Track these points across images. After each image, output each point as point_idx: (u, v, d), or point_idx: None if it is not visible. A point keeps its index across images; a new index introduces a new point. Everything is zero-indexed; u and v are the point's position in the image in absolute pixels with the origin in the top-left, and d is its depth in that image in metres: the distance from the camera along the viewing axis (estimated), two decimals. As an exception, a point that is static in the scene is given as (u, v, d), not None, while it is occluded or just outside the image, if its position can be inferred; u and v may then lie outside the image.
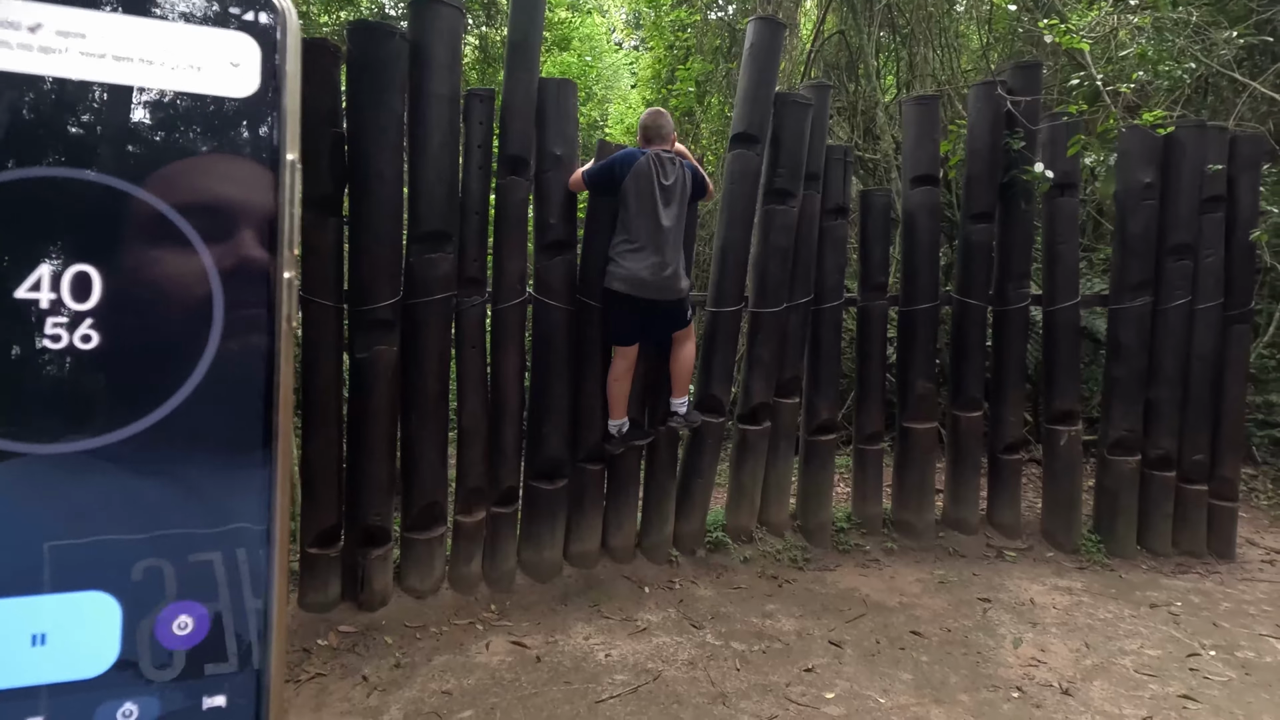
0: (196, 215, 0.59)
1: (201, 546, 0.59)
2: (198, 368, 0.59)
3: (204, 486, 0.60)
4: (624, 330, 3.06)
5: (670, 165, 2.91)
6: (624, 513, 3.39)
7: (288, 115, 0.62)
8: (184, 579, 0.59)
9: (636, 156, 2.87)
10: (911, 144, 3.73)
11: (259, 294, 0.61)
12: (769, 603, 3.21)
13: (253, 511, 0.60)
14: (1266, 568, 3.73)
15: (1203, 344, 3.68)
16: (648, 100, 7.75)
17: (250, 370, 0.60)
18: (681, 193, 2.94)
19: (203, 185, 0.60)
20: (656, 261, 2.85)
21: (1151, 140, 3.58)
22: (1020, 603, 3.24)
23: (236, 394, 0.60)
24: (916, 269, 3.72)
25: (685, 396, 3.27)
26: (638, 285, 2.87)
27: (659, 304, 2.94)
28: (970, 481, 3.82)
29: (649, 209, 2.84)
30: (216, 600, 0.60)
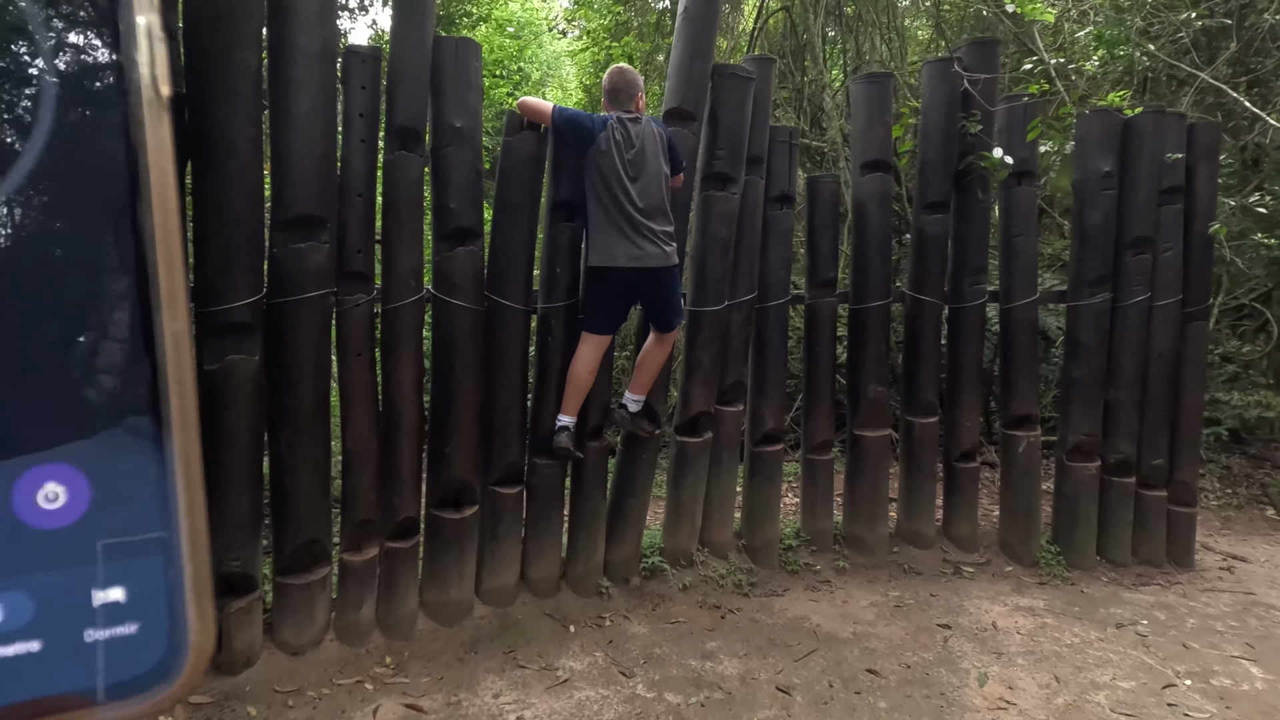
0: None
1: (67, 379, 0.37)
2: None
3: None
4: (600, 312, 2.72)
5: (633, 129, 2.61)
6: (546, 540, 2.97)
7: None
8: (50, 431, 0.38)
9: (601, 126, 2.60)
10: (861, 126, 3.42)
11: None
12: (710, 639, 2.85)
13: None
14: (1225, 575, 3.57)
15: (1161, 342, 3.49)
16: (585, 86, 7.32)
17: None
18: (654, 157, 2.63)
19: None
20: (633, 245, 2.57)
21: (1112, 126, 3.36)
22: (982, 628, 2.96)
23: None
24: (867, 263, 3.41)
25: (643, 396, 2.94)
26: (615, 258, 2.58)
27: (642, 273, 2.60)
28: (926, 492, 3.55)
29: (616, 191, 2.56)
30: (98, 463, 0.38)
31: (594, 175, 2.60)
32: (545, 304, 2.83)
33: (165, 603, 0.40)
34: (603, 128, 2.60)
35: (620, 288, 2.67)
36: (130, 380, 0.39)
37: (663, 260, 2.62)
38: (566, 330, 2.86)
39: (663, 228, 2.64)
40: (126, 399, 0.39)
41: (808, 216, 3.47)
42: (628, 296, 2.75)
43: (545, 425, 2.88)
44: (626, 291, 2.71)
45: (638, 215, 2.58)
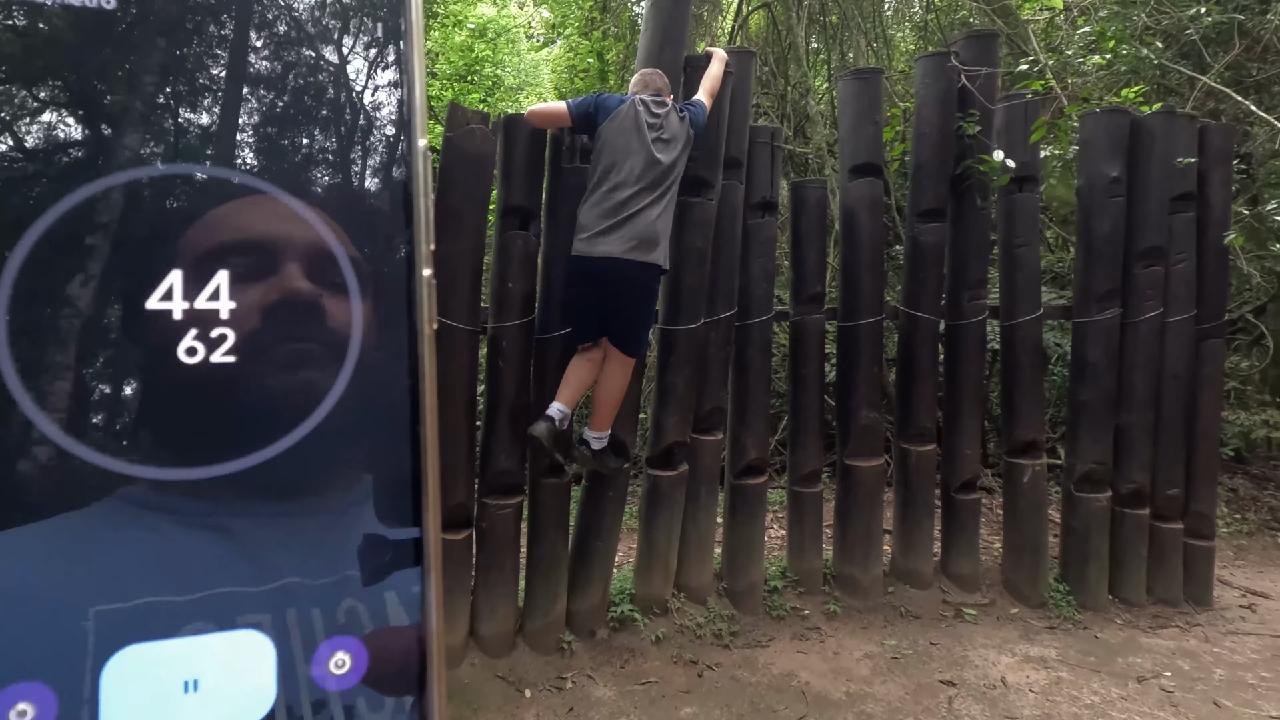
0: (331, 215, 0.57)
1: (353, 580, 0.56)
2: (336, 383, 0.56)
3: (353, 513, 0.57)
4: (576, 313, 2.42)
5: (659, 111, 2.37)
6: (499, 591, 2.61)
7: (416, 99, 0.59)
8: (337, 614, 0.55)
9: (620, 100, 2.36)
10: (849, 127, 3.13)
11: (398, 297, 0.58)
12: (685, 703, 2.50)
13: (404, 543, 0.57)
14: (1248, 615, 3.28)
15: (1176, 361, 3.21)
16: (561, 91, 7.02)
17: (392, 379, 0.57)
18: (678, 148, 2.37)
19: (335, 178, 0.58)
20: (629, 226, 2.26)
21: (1119, 127, 3.09)
22: (990, 684, 2.64)
23: (377, 409, 0.57)
24: (857, 276, 3.11)
25: (606, 431, 2.57)
26: (591, 241, 2.26)
27: (612, 264, 2.25)
28: (923, 527, 3.23)
29: (620, 166, 2.29)
30: (372, 635, 0.56)
31: (602, 151, 2.32)
32: (496, 323, 2.49)
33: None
34: (623, 102, 2.35)
35: (584, 283, 2.32)
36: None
37: (636, 255, 2.26)
38: (521, 353, 2.53)
39: (657, 228, 2.30)
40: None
41: (792, 225, 3.16)
42: (592, 295, 2.34)
43: (497, 461, 2.53)
44: (590, 288, 2.33)
45: (637, 207, 2.25)
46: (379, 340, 0.58)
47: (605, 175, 2.30)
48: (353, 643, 0.57)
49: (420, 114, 0.60)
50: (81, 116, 0.54)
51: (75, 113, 0.54)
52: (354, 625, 0.57)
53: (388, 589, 0.58)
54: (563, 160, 2.51)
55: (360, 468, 0.57)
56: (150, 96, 0.54)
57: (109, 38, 0.54)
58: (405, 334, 0.58)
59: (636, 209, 2.27)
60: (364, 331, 0.57)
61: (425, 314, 0.59)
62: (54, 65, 0.53)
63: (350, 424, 0.56)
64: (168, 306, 0.53)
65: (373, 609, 0.57)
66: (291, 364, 0.56)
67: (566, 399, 2.42)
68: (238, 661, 0.53)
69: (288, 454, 0.55)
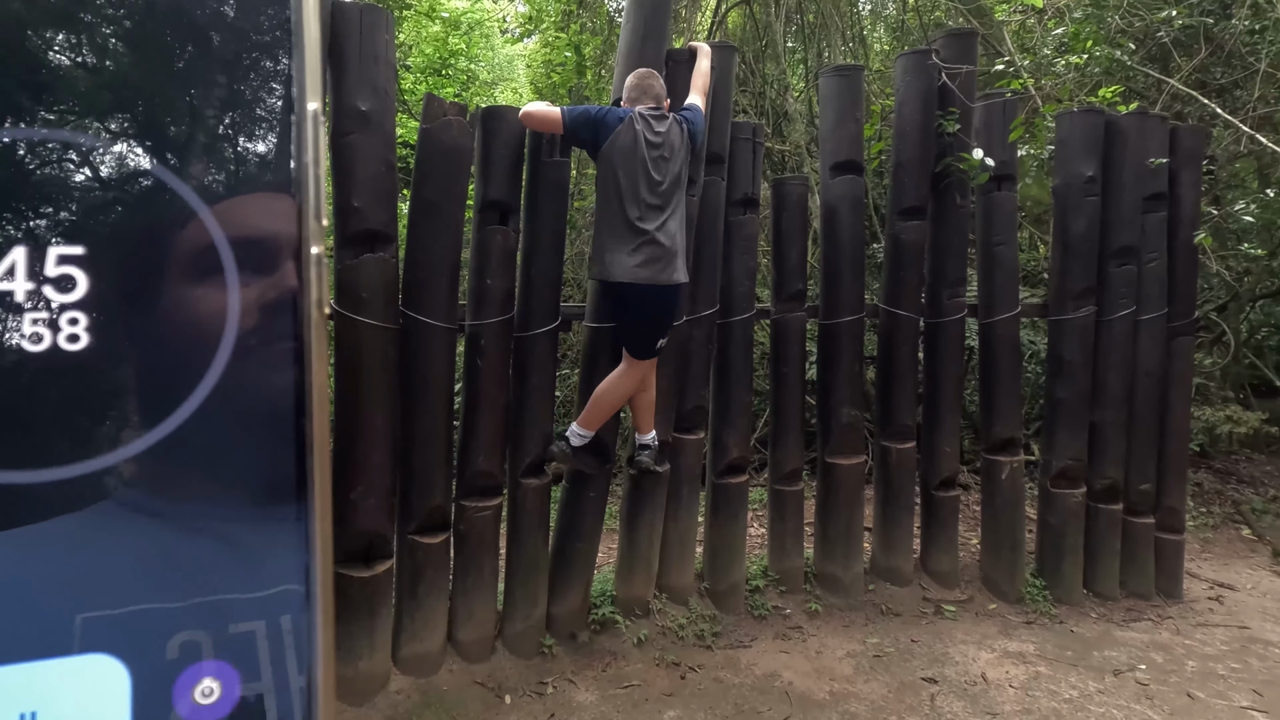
0: (203, 184, 0.50)
1: (225, 598, 0.48)
2: (207, 374, 0.48)
3: (223, 523, 0.49)
4: (642, 332, 2.41)
5: (658, 126, 2.31)
6: (478, 595, 2.55)
7: (308, 58, 0.52)
8: (205, 637, 0.48)
9: (618, 119, 2.29)
10: (830, 124, 3.11)
11: (282, 278, 0.51)
12: (668, 706, 2.46)
13: (286, 556, 0.49)
14: (1216, 607, 3.35)
15: (1148, 359, 3.26)
16: (537, 86, 6.93)
17: (272, 372, 0.50)
18: (679, 161, 2.34)
19: (208, 148, 0.51)
20: (648, 247, 2.27)
21: (1094, 127, 3.13)
22: (971, 681, 2.65)
23: (256, 402, 0.49)
24: (838, 274, 3.10)
25: (652, 432, 2.67)
26: (635, 274, 2.28)
27: (652, 290, 2.31)
28: (903, 524, 3.24)
29: (633, 193, 2.27)
30: (246, 661, 0.49)
31: (607, 174, 2.30)
32: (474, 321, 2.42)
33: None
34: (622, 120, 2.28)
35: (634, 302, 2.36)
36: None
37: (663, 278, 2.30)
38: (501, 351, 2.47)
39: (676, 242, 2.34)
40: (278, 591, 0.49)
41: (773, 223, 3.14)
42: (643, 311, 2.39)
43: (476, 462, 2.46)
44: (640, 306, 2.36)
45: (652, 226, 2.27)
46: (260, 327, 0.51)
47: (615, 197, 2.29)
48: (223, 669, 0.50)
49: (311, 75, 0.53)
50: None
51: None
52: (225, 650, 0.50)
53: (266, 609, 0.51)
54: (542, 154, 2.46)
55: (234, 472, 0.51)
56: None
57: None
58: (291, 320, 0.52)
59: (652, 230, 2.27)
60: (241, 316, 0.51)
61: (315, 297, 0.52)
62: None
63: (223, 422, 0.50)
64: (8, 287, 0.46)
65: (247, 632, 0.51)
66: (154, 353, 0.49)
67: (647, 423, 2.63)
68: (84, 690, 0.46)
69: (147, 454, 0.49)
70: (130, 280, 0.49)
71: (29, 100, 0.47)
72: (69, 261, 0.47)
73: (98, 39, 0.50)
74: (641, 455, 2.66)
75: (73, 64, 0.49)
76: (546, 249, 2.52)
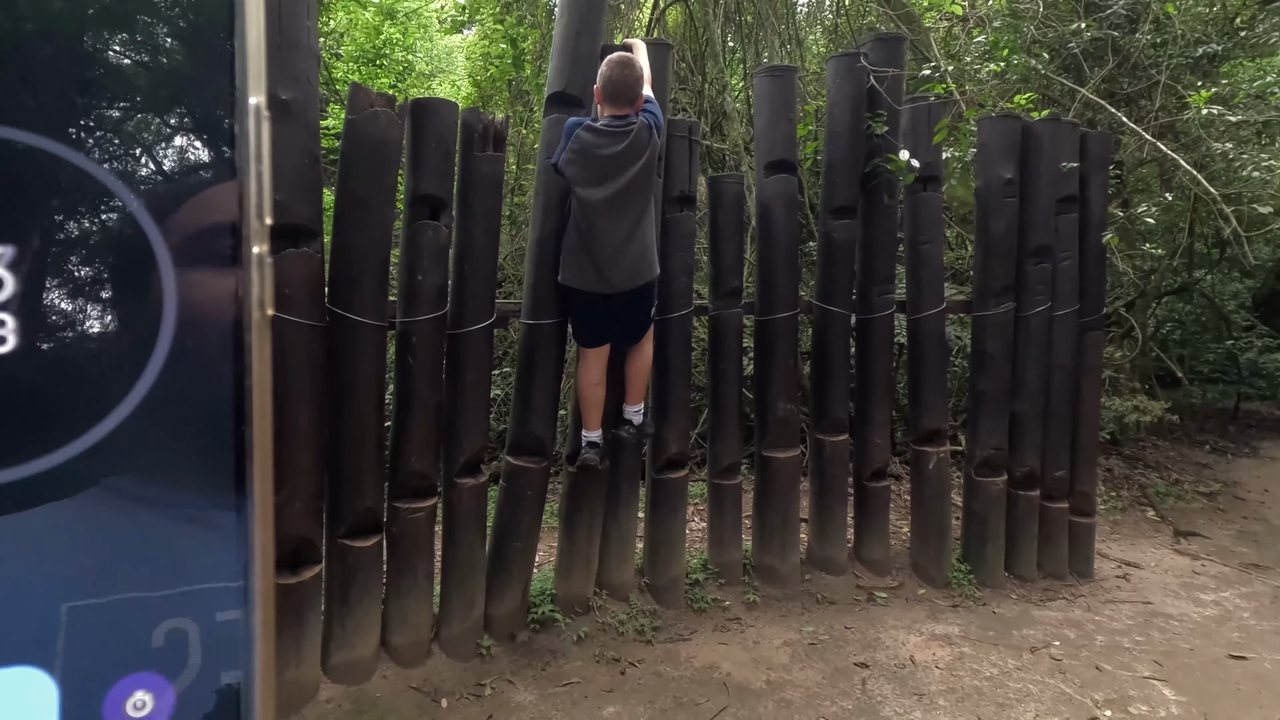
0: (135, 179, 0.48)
1: (159, 607, 0.48)
2: (139, 380, 0.47)
3: (157, 530, 0.48)
4: (586, 326, 2.60)
5: (610, 133, 2.33)
6: (412, 599, 2.49)
7: (250, 48, 0.50)
8: (138, 647, 0.47)
9: (574, 129, 2.34)
10: (764, 124, 3.17)
11: (222, 278, 0.50)
12: (608, 702, 2.47)
13: (224, 562, 0.49)
14: (1123, 584, 3.57)
15: (1062, 352, 3.45)
16: (475, 80, 6.80)
17: (211, 375, 0.49)
18: (634, 167, 2.35)
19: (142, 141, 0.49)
20: (597, 271, 2.40)
21: (1012, 132, 3.28)
22: (900, 664, 2.75)
23: (193, 407, 0.49)
24: (773, 271, 3.16)
25: (640, 404, 2.79)
26: (586, 279, 2.43)
27: (613, 297, 2.46)
28: (837, 515, 3.33)
29: (583, 190, 2.35)
30: (180, 673, 0.48)
31: (573, 190, 2.38)
32: (405, 318, 2.36)
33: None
34: (569, 136, 2.33)
35: (592, 304, 2.50)
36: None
37: (630, 283, 2.44)
38: (433, 348, 2.41)
39: (635, 250, 2.42)
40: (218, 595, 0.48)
41: (710, 220, 3.18)
42: (602, 311, 2.53)
43: (408, 462, 2.41)
44: (599, 308, 2.51)
45: (614, 237, 2.37)
46: (197, 329, 0.49)
47: (578, 204, 2.36)
48: (156, 680, 0.48)
49: (254, 66, 0.51)
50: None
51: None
52: (159, 660, 0.48)
53: (203, 616, 0.50)
54: (475, 148, 2.41)
55: (169, 476, 0.49)
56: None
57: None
58: (231, 322, 0.50)
59: (621, 235, 2.37)
60: (178, 318, 0.49)
61: (257, 297, 0.50)
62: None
63: (156, 426, 0.48)
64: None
65: (183, 641, 0.49)
66: (84, 356, 0.48)
67: (595, 421, 2.69)
68: (7, 707, 0.44)
69: (77, 460, 0.47)
70: (58, 280, 0.47)
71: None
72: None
73: (25, 25, 0.47)
74: (627, 428, 2.80)
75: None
76: (481, 245, 2.48)
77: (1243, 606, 3.35)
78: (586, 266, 2.40)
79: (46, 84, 0.47)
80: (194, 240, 0.50)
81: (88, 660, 0.47)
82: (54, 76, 0.48)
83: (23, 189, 0.46)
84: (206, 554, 0.50)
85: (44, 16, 0.47)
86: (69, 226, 0.48)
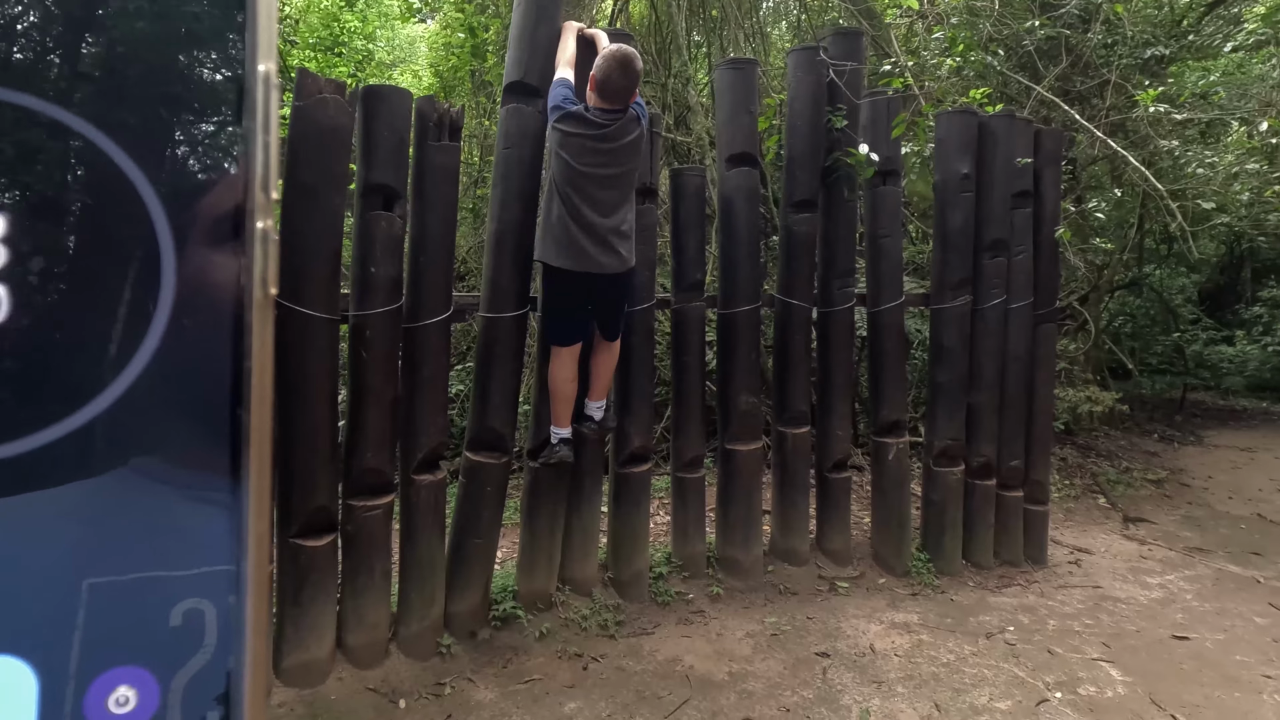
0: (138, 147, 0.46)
1: (148, 595, 0.46)
2: (135, 357, 0.45)
3: (146, 516, 0.46)
4: (563, 320, 2.54)
5: (612, 120, 2.32)
6: (368, 598, 2.44)
7: (260, 14, 0.47)
8: (127, 635, 0.45)
9: (573, 105, 2.33)
10: (726, 117, 3.17)
11: (223, 254, 0.47)
12: (569, 698, 2.45)
13: (216, 549, 0.47)
14: (1075, 570, 3.68)
15: (1017, 345, 3.53)
16: (437, 70, 6.68)
17: (209, 357, 0.47)
18: (631, 156, 2.40)
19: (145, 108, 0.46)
20: (586, 252, 2.36)
21: (969, 127, 3.34)
22: (860, 653, 2.78)
23: (188, 389, 0.47)
24: (735, 265, 3.16)
25: (604, 400, 2.78)
26: (574, 258, 2.37)
27: (600, 278, 2.43)
28: (800, 507, 3.36)
29: (577, 188, 2.34)
30: (167, 666, 0.45)
31: (555, 166, 2.35)
32: (358, 311, 2.30)
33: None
34: (572, 105, 2.32)
35: (574, 289, 2.46)
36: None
37: (620, 265, 2.44)
38: (388, 342, 2.36)
39: (623, 234, 2.44)
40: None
41: (672, 214, 3.17)
42: (583, 299, 2.51)
43: (363, 459, 2.35)
44: (581, 294, 2.48)
45: (598, 219, 2.36)
46: (196, 307, 0.47)
47: (560, 191, 2.34)
48: (140, 675, 0.46)
49: (265, 34, 0.48)
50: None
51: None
52: (143, 654, 0.46)
53: (191, 609, 0.48)
54: (429, 137, 2.36)
55: (159, 462, 0.47)
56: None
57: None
58: (231, 300, 0.48)
59: (608, 220, 2.37)
60: (176, 295, 0.47)
61: (259, 275, 0.48)
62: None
63: (150, 406, 0.46)
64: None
65: (169, 634, 0.47)
66: (79, 331, 0.46)
67: (566, 418, 2.65)
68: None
69: (66, 440, 0.45)
70: (55, 252, 0.45)
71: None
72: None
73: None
74: (588, 423, 2.78)
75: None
76: (436, 236, 2.43)
77: (1186, 589, 3.47)
78: (576, 245, 2.34)
79: (48, 50, 0.46)
80: (196, 212, 0.48)
81: (71, 649, 0.45)
82: (55, 43, 0.46)
83: (20, 155, 0.44)
84: (200, 540, 0.48)
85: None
86: (67, 196, 0.46)
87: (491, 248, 2.58)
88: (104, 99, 0.47)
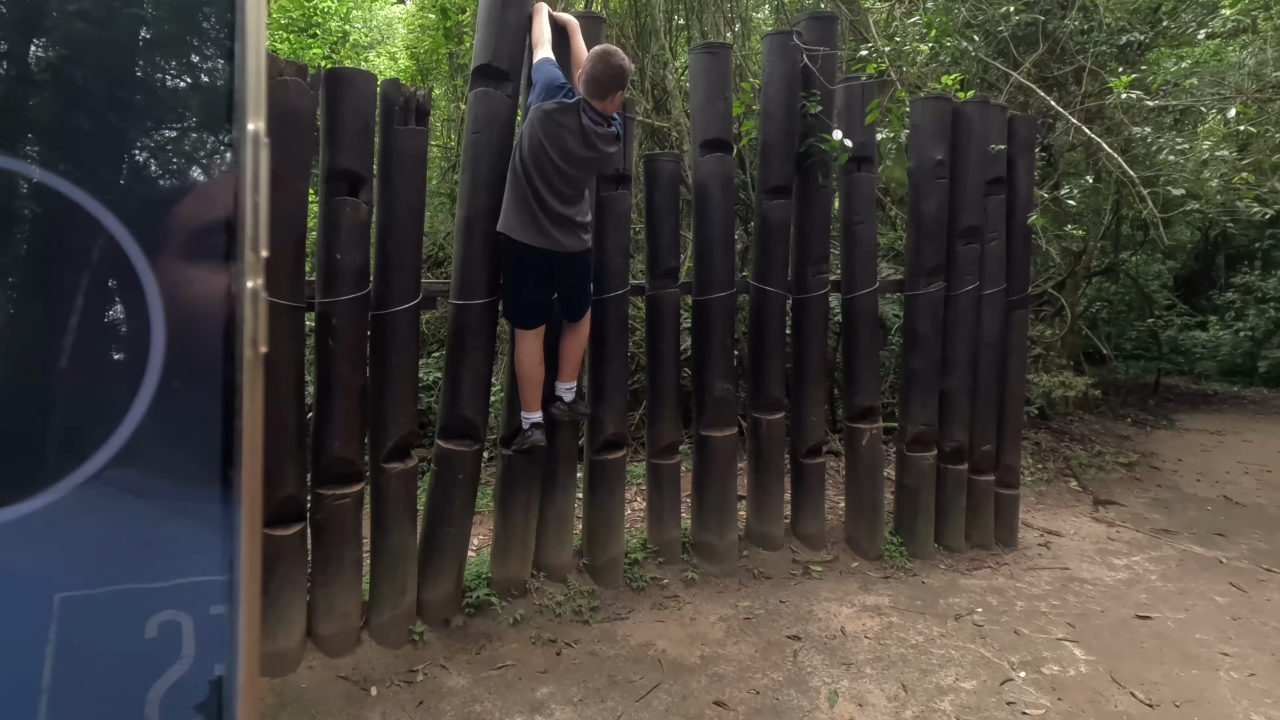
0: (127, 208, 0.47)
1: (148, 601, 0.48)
2: (127, 417, 0.46)
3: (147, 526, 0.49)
4: (525, 300, 2.54)
5: (593, 120, 2.34)
6: (338, 587, 2.43)
7: (249, 74, 0.47)
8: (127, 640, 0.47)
9: (563, 91, 2.33)
10: (700, 102, 3.14)
11: (213, 314, 0.48)
12: (542, 684, 2.47)
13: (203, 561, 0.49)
14: (1044, 552, 3.74)
15: (989, 330, 3.56)
16: (414, 53, 6.57)
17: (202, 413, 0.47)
18: (593, 160, 2.43)
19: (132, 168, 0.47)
20: (545, 232, 2.40)
21: (943, 113, 3.34)
22: (831, 635, 2.82)
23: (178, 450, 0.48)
24: (710, 251, 3.15)
25: (573, 382, 2.77)
26: (530, 234, 2.39)
27: (559, 256, 2.46)
28: (774, 492, 3.38)
29: (543, 176, 2.36)
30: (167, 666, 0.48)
31: (527, 144, 2.35)
32: (324, 299, 2.28)
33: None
34: (567, 97, 2.32)
35: (533, 266, 2.47)
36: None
37: (580, 246, 2.49)
38: (355, 330, 2.33)
39: (581, 224, 2.49)
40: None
41: (646, 200, 3.15)
42: (543, 277, 2.52)
43: (332, 448, 2.33)
44: (540, 272, 2.50)
45: (557, 206, 2.39)
46: (187, 367, 0.48)
47: (525, 174, 2.36)
48: (144, 671, 0.51)
49: (253, 90, 0.48)
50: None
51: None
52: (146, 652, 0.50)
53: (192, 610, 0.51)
54: (395, 121, 2.32)
55: (161, 473, 0.49)
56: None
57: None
58: (220, 359, 0.48)
59: (567, 210, 2.40)
60: (165, 356, 0.48)
61: (250, 335, 0.49)
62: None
63: (143, 462, 0.47)
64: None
65: (171, 634, 0.50)
66: (70, 391, 0.46)
67: (536, 402, 2.66)
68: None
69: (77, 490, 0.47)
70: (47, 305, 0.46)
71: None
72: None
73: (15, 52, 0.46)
74: (558, 403, 2.78)
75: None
76: (404, 223, 2.40)
77: (1151, 570, 3.55)
78: (538, 224, 2.38)
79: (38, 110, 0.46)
80: (183, 274, 0.48)
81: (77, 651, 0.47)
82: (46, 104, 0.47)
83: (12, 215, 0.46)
84: (194, 549, 0.50)
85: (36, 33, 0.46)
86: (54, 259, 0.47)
87: (461, 234, 2.56)
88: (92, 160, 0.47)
